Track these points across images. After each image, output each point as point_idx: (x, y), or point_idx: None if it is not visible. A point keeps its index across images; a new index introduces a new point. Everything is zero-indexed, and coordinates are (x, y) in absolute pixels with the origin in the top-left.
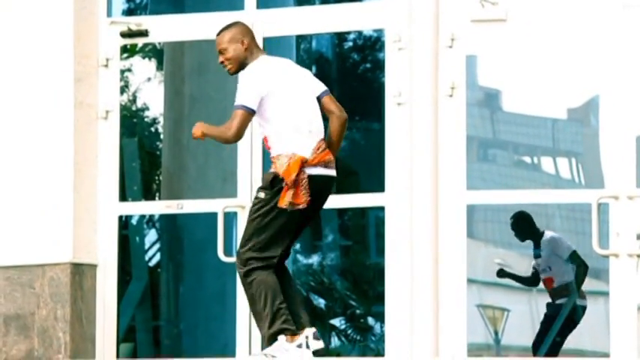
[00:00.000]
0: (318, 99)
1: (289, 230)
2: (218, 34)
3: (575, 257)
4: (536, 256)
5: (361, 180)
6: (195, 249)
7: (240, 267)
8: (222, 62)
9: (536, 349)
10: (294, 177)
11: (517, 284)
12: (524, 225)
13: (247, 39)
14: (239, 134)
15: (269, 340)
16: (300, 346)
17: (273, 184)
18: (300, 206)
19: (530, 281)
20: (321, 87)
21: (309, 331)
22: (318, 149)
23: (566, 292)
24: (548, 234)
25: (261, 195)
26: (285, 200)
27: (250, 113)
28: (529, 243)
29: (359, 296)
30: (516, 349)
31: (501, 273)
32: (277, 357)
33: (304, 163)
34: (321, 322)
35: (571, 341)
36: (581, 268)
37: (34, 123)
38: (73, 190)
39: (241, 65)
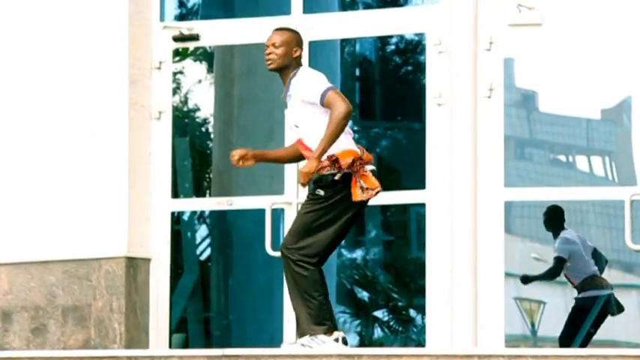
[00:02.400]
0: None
1: (338, 229)
2: (279, 29)
3: (595, 254)
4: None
5: (403, 178)
6: (244, 244)
7: (291, 257)
8: (268, 54)
9: (563, 340)
10: (349, 160)
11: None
12: (554, 218)
13: (300, 51)
14: (349, 103)
15: (308, 331)
16: (337, 340)
17: (334, 183)
18: (377, 190)
19: (552, 272)
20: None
21: (341, 334)
22: (363, 148)
23: (590, 285)
24: (563, 233)
25: (321, 192)
26: (357, 191)
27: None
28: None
29: (401, 289)
30: (552, 340)
31: (525, 280)
32: (313, 347)
33: (360, 160)
34: (364, 314)
35: (605, 332)
36: (602, 261)
37: (90, 123)
38: (128, 187)
39: (281, 68)
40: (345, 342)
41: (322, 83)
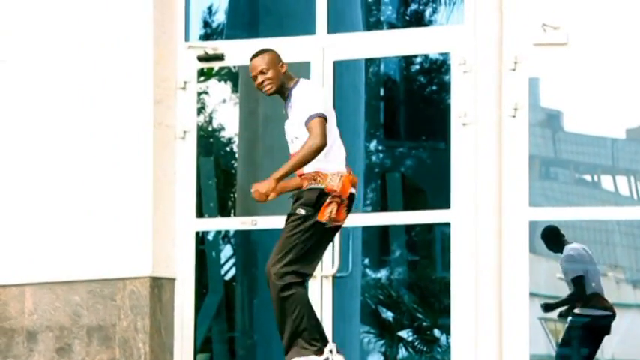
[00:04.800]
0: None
1: (322, 247)
2: (254, 58)
3: (576, 282)
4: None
5: (428, 197)
6: None
7: (277, 281)
8: (261, 82)
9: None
10: (349, 194)
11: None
12: (553, 239)
13: (284, 64)
14: (326, 139)
15: (300, 353)
16: (327, 359)
17: (317, 202)
18: (340, 223)
19: (578, 295)
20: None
21: (332, 345)
22: (350, 170)
23: (591, 302)
24: (566, 251)
25: (302, 212)
26: (325, 215)
27: (325, 120)
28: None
29: (425, 309)
30: None
31: (547, 308)
32: None
33: (351, 183)
34: (389, 334)
35: (630, 353)
36: (575, 294)
37: (115, 143)
38: (153, 207)
39: (280, 86)
40: (338, 351)
41: (316, 105)
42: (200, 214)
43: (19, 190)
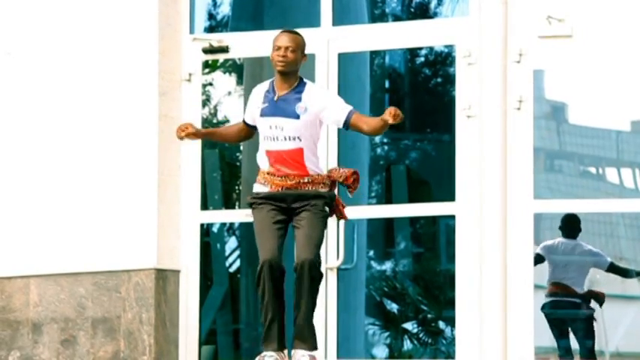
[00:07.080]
0: None
1: None
2: (289, 32)
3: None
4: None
5: (432, 189)
6: None
7: (318, 269)
8: (283, 55)
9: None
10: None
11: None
12: (572, 227)
13: (306, 57)
14: None
15: (314, 345)
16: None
17: (331, 203)
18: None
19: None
20: None
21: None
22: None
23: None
24: (585, 246)
25: (327, 209)
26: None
27: None
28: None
29: (430, 301)
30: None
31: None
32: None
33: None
34: (394, 326)
35: (634, 345)
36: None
37: (120, 135)
38: (158, 199)
39: (290, 72)
40: None
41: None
42: (205, 206)
43: (23, 182)
